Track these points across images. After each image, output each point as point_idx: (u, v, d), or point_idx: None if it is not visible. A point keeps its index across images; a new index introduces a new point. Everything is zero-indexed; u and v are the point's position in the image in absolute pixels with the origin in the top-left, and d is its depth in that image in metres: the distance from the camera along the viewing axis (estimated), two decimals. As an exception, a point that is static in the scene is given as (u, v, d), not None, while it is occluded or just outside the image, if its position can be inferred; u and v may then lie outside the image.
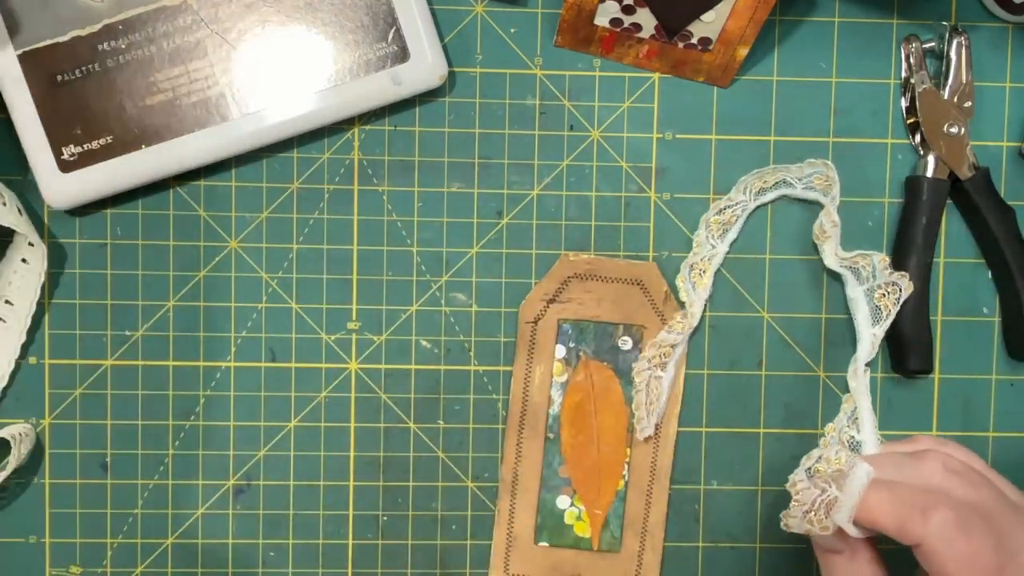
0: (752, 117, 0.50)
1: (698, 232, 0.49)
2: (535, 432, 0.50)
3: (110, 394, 0.49)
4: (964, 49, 0.49)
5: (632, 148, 0.50)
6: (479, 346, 0.50)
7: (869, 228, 0.50)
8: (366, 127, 0.49)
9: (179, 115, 0.47)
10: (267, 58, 0.47)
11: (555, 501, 0.50)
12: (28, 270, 0.48)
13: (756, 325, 0.50)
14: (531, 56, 0.50)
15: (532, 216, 0.50)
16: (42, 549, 0.49)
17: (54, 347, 0.49)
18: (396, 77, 0.47)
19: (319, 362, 0.50)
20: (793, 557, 0.51)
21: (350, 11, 0.47)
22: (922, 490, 0.39)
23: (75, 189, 0.47)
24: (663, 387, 0.49)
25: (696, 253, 0.49)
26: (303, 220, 0.50)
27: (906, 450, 0.42)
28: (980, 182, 0.49)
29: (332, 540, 0.50)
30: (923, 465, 0.40)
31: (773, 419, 0.51)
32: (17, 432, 0.47)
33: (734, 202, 0.49)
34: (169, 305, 0.49)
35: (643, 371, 0.49)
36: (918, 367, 0.49)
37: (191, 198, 0.49)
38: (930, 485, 0.39)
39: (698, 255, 0.49)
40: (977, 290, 0.51)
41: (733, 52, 0.48)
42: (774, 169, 0.50)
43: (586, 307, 0.50)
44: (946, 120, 0.49)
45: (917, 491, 0.39)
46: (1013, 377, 0.51)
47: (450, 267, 0.50)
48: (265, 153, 0.49)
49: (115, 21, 0.46)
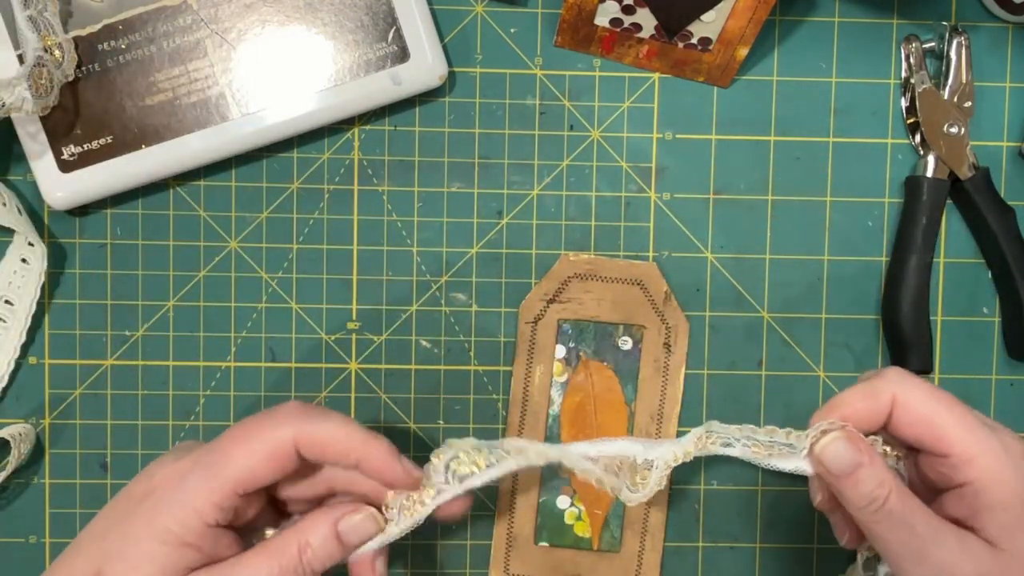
0: (752, 117, 0.50)
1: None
2: (535, 432, 0.50)
3: (110, 394, 0.49)
4: (964, 49, 0.49)
5: (632, 148, 0.50)
6: (479, 346, 0.50)
7: (869, 228, 0.50)
8: (366, 127, 0.49)
9: (179, 115, 0.47)
10: (267, 58, 0.47)
11: (555, 501, 0.50)
12: (28, 270, 0.48)
13: (756, 325, 0.50)
14: (531, 56, 0.50)
15: (532, 216, 0.50)
16: (42, 549, 0.49)
17: (54, 347, 0.49)
18: (396, 77, 0.47)
19: (319, 362, 0.50)
20: (793, 557, 0.51)
21: (350, 11, 0.47)
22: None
23: (75, 189, 0.47)
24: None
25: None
26: (303, 220, 0.50)
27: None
28: (980, 182, 0.49)
29: (332, 540, 0.50)
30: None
31: (773, 419, 0.50)
32: (17, 432, 0.47)
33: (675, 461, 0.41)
34: (169, 305, 0.49)
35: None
36: (918, 367, 0.49)
37: (191, 198, 0.49)
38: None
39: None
40: (977, 290, 0.51)
41: (733, 52, 0.48)
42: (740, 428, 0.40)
43: (586, 307, 0.50)
44: (946, 120, 0.49)
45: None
46: (1013, 377, 0.51)
47: (450, 267, 0.50)
48: (265, 153, 0.49)
49: (115, 21, 0.46)
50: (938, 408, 0.36)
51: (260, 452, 0.37)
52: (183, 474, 0.38)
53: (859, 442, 0.37)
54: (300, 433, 0.38)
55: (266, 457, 0.37)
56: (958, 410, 0.37)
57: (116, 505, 0.38)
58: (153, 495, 0.38)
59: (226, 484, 0.37)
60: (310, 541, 0.38)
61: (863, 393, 0.38)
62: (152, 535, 0.37)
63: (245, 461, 0.37)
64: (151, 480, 0.38)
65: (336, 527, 0.39)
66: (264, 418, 0.39)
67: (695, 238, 0.50)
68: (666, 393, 0.50)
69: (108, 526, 0.38)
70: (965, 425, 0.36)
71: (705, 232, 0.50)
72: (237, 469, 0.37)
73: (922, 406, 0.37)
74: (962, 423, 0.36)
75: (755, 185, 0.50)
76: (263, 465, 0.37)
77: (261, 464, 0.37)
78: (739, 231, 0.50)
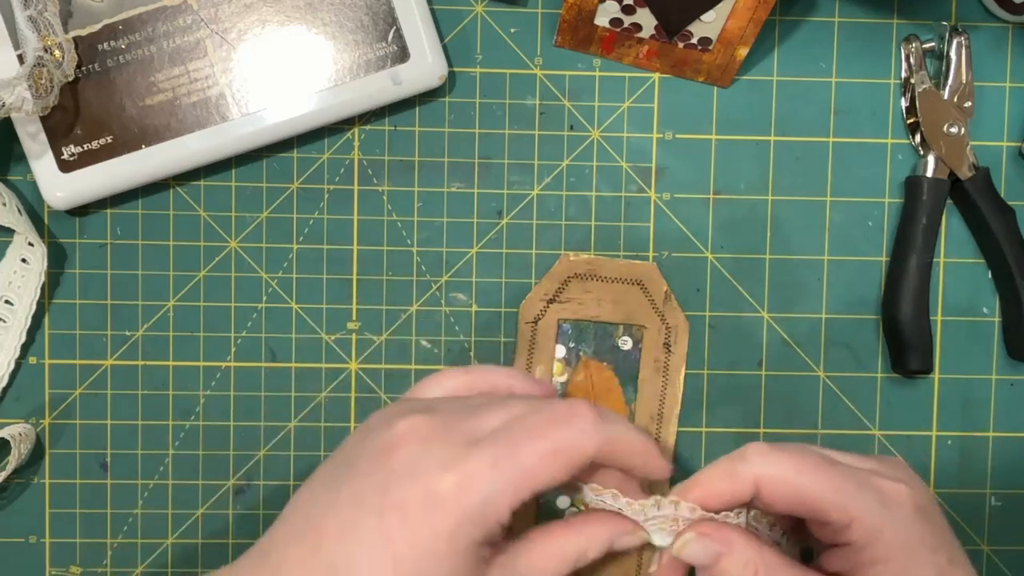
0: (752, 117, 0.50)
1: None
2: (535, 432, 0.50)
3: (110, 394, 0.49)
4: (964, 49, 0.49)
5: (632, 148, 0.50)
6: (479, 346, 0.50)
7: (869, 228, 0.50)
8: (366, 127, 0.49)
9: (179, 115, 0.47)
10: (267, 58, 0.47)
11: (555, 501, 0.50)
12: (28, 270, 0.48)
13: (756, 325, 0.50)
14: (531, 56, 0.50)
15: (532, 216, 0.50)
16: (42, 549, 0.49)
17: (54, 347, 0.49)
18: (396, 77, 0.47)
19: (319, 362, 0.50)
20: (793, 557, 0.51)
21: (350, 11, 0.47)
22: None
23: (75, 189, 0.47)
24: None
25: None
26: (303, 220, 0.50)
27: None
28: (980, 182, 0.49)
29: (332, 540, 0.50)
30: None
31: (773, 419, 0.51)
32: (17, 432, 0.47)
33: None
34: (169, 305, 0.49)
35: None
36: (918, 367, 0.49)
37: (191, 198, 0.49)
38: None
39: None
40: (977, 290, 0.51)
41: (733, 52, 0.48)
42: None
43: (586, 307, 0.50)
44: (946, 120, 0.49)
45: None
46: (1013, 377, 0.51)
47: (450, 267, 0.50)
48: (265, 153, 0.49)
49: (115, 21, 0.46)
50: (804, 480, 0.36)
51: (563, 464, 0.35)
52: (480, 479, 0.34)
53: (715, 533, 0.37)
54: (604, 442, 0.36)
55: (568, 467, 0.35)
56: (826, 475, 0.36)
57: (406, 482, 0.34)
58: (446, 502, 0.34)
59: (527, 493, 0.34)
60: (589, 549, 0.37)
61: (723, 475, 0.37)
62: (453, 540, 0.33)
63: (549, 472, 0.35)
64: (441, 482, 0.34)
65: (612, 543, 0.37)
66: (562, 424, 0.35)
67: (695, 238, 0.50)
68: (666, 393, 0.50)
69: (396, 511, 0.34)
70: (836, 489, 0.36)
71: (705, 232, 0.50)
72: (542, 481, 0.35)
73: (787, 483, 0.36)
74: (832, 488, 0.36)
75: (755, 185, 0.50)
76: (563, 474, 0.35)
77: (562, 474, 0.35)
78: (739, 231, 0.50)
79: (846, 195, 0.50)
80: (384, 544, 0.33)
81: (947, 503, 0.51)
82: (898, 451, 0.51)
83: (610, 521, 0.38)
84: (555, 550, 0.36)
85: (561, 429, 0.35)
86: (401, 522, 0.33)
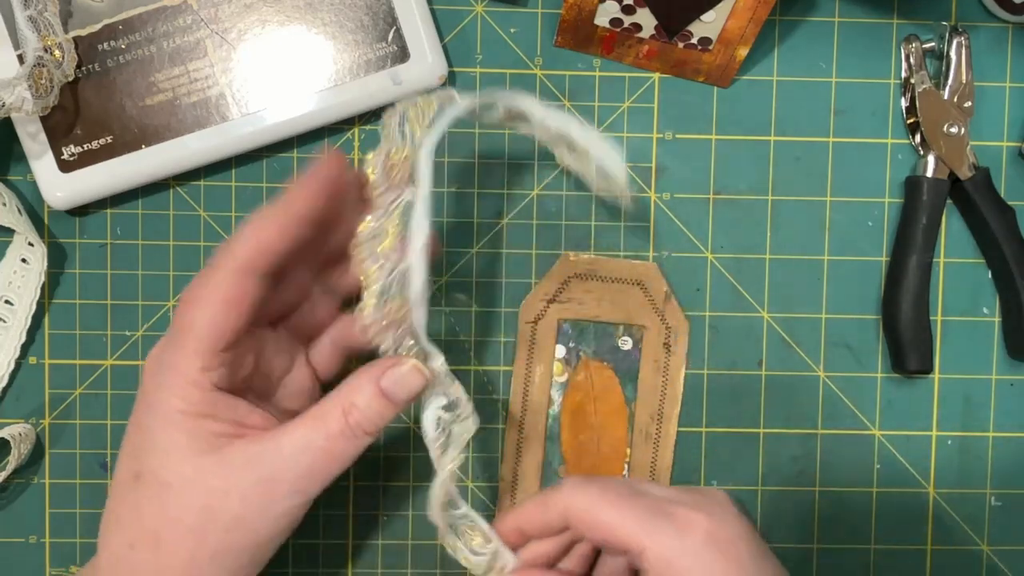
0: (752, 117, 0.50)
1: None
2: (535, 432, 0.50)
3: (110, 394, 0.49)
4: (964, 49, 0.49)
5: (632, 148, 0.50)
6: (479, 346, 0.50)
7: (869, 228, 0.50)
8: (366, 127, 0.49)
9: (179, 115, 0.47)
10: (267, 58, 0.47)
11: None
12: (28, 270, 0.48)
13: (756, 325, 0.50)
14: (531, 56, 0.50)
15: (532, 216, 0.50)
16: (42, 549, 0.49)
17: (54, 347, 0.49)
18: (396, 77, 0.47)
19: (319, 362, 0.50)
20: (793, 557, 0.51)
21: (350, 11, 0.47)
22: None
23: (75, 189, 0.47)
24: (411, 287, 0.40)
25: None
26: (303, 220, 0.49)
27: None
28: (980, 182, 0.49)
29: (332, 540, 0.50)
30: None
31: (773, 419, 0.51)
32: (17, 432, 0.47)
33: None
34: (169, 305, 0.49)
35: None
36: (918, 367, 0.49)
37: (191, 198, 0.49)
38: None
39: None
40: (977, 290, 0.51)
41: (733, 52, 0.48)
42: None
43: (586, 307, 0.50)
44: (946, 120, 0.49)
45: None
46: (1013, 377, 0.51)
47: (450, 267, 0.50)
48: (265, 153, 0.49)
49: (115, 21, 0.46)
50: (605, 510, 0.39)
51: (215, 300, 0.37)
52: (159, 357, 0.38)
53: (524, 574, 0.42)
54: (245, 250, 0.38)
55: (223, 302, 0.37)
56: (625, 505, 0.39)
57: (134, 412, 0.40)
58: (145, 386, 0.39)
59: (200, 344, 0.37)
60: (355, 402, 0.37)
61: (537, 504, 0.41)
62: (166, 421, 0.37)
63: (206, 314, 0.37)
64: (143, 377, 0.39)
65: (379, 385, 0.38)
66: (207, 273, 0.38)
67: (695, 238, 0.50)
68: (666, 393, 0.50)
69: (131, 431, 0.39)
70: (635, 519, 0.38)
71: (705, 232, 0.50)
72: (203, 325, 0.37)
73: (588, 512, 0.39)
74: (631, 518, 0.38)
75: (755, 185, 0.50)
76: (224, 311, 0.37)
77: (222, 312, 0.37)
78: (739, 231, 0.50)
79: (846, 195, 0.50)
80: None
81: (947, 503, 0.51)
82: (898, 451, 0.51)
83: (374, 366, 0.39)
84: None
85: (205, 279, 0.38)
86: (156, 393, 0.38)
